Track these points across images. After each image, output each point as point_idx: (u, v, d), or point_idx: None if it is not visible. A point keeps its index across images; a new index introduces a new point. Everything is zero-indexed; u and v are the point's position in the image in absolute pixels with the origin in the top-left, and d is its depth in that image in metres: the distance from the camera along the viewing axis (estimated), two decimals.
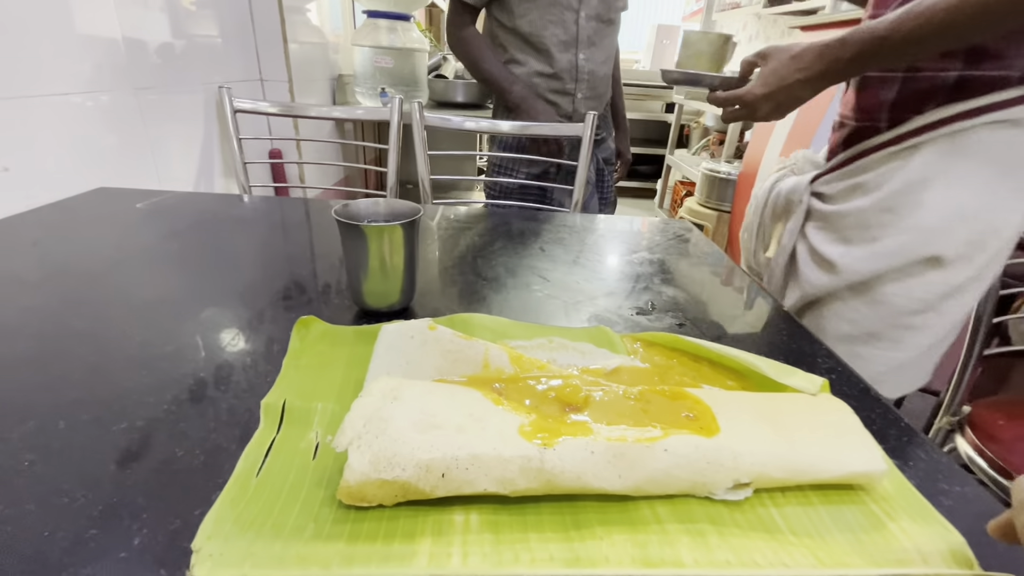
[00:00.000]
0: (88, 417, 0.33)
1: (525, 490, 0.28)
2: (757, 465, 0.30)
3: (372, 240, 0.44)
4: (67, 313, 0.46)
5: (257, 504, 0.27)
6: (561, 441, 0.29)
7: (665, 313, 0.52)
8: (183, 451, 0.31)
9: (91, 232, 0.66)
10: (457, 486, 0.27)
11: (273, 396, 0.35)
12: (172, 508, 0.27)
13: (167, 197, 0.81)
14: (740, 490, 0.30)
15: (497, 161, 1.20)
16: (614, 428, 0.32)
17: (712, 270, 0.65)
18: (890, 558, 0.26)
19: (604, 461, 0.29)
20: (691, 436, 0.31)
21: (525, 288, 0.56)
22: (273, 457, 0.31)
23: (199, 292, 0.51)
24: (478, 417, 0.31)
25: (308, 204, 0.85)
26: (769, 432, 0.32)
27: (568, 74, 1.11)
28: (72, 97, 0.82)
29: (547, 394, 0.35)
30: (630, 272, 0.62)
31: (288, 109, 1.18)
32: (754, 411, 0.34)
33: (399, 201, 0.48)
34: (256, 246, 0.66)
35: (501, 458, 0.28)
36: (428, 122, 1.10)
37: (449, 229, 0.75)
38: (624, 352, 0.43)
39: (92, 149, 0.86)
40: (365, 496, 0.27)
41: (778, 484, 0.30)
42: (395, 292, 0.47)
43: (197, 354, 0.41)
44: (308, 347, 0.42)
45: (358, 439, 0.28)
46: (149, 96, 0.98)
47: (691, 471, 0.29)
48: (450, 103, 1.81)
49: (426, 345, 0.37)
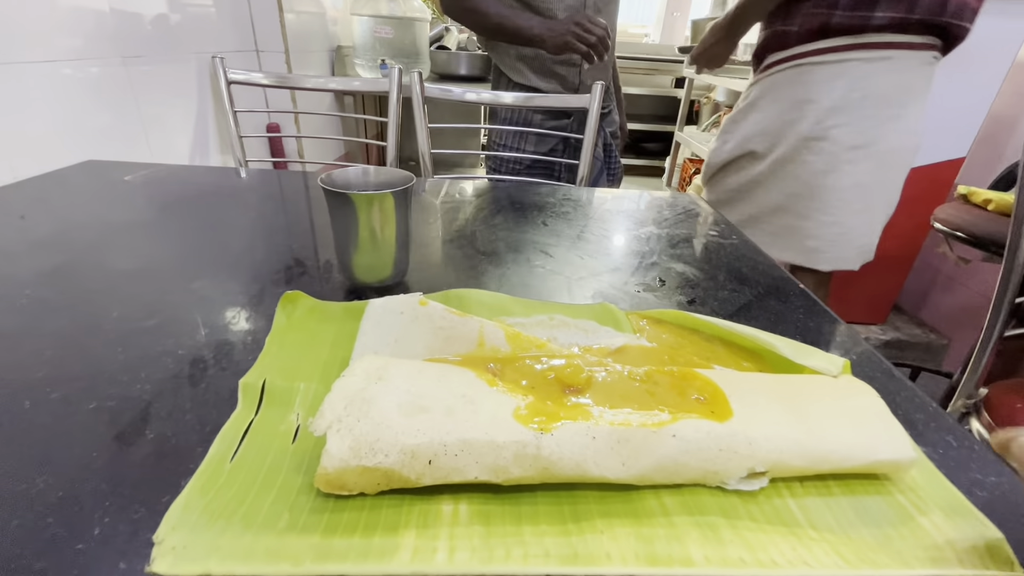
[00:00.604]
0: (56, 396, 0.31)
1: (519, 478, 0.26)
2: (774, 452, 0.27)
3: (361, 209, 0.41)
4: (44, 287, 0.44)
5: (229, 491, 0.25)
6: (560, 425, 0.27)
7: (674, 290, 0.49)
8: (154, 433, 0.29)
9: (77, 205, 0.64)
10: (445, 474, 0.25)
11: (253, 375, 0.33)
12: (138, 495, 0.25)
13: (157, 170, 0.78)
14: (755, 479, 0.27)
15: (501, 139, 1.14)
16: (618, 412, 0.29)
17: (723, 246, 0.61)
18: (922, 556, 0.24)
19: (606, 447, 0.26)
20: (702, 420, 0.28)
21: (526, 263, 0.53)
22: (249, 441, 0.28)
23: (185, 266, 0.49)
24: (470, 399, 0.28)
25: (306, 178, 0.82)
26: (787, 416, 0.29)
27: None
28: (57, 65, 0.79)
29: (546, 375, 0.32)
30: (637, 248, 0.59)
31: (284, 80, 1.14)
32: (770, 394, 0.31)
33: (391, 170, 0.45)
34: (248, 220, 0.63)
35: (494, 444, 0.26)
36: (429, 94, 1.06)
37: (449, 203, 0.72)
38: (630, 330, 0.40)
39: (79, 121, 0.83)
40: (345, 484, 0.25)
41: (796, 473, 0.28)
42: (387, 265, 0.44)
43: (178, 330, 0.38)
44: (294, 324, 0.39)
45: (338, 422, 0.26)
46: (139, 66, 0.94)
47: (702, 458, 0.27)
48: (452, 75, 1.75)
49: (416, 321, 0.34)
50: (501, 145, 1.13)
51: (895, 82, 0.75)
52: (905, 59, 0.73)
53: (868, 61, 0.74)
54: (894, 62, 0.73)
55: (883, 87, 0.75)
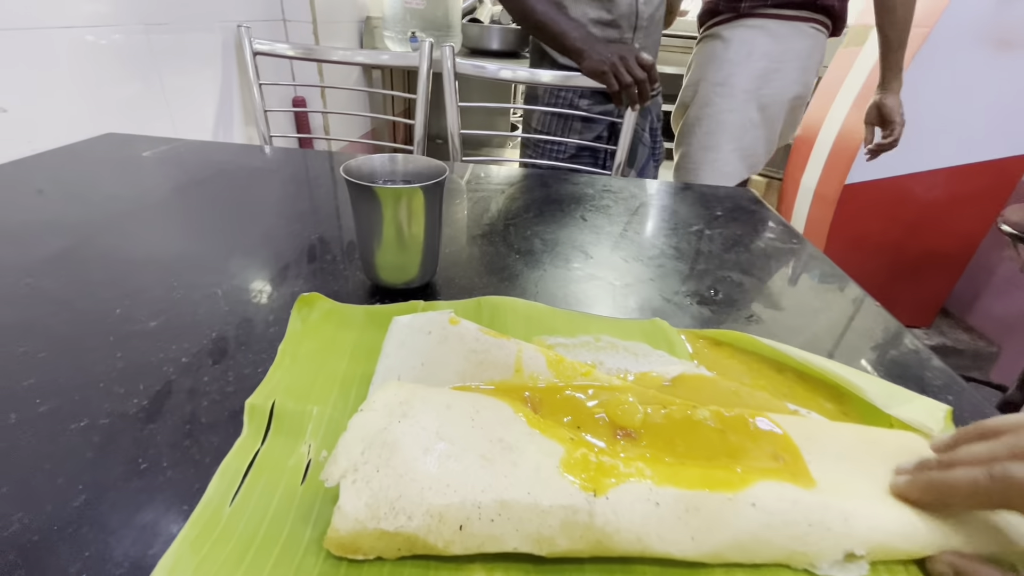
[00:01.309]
0: (45, 409, 0.28)
1: (567, 551, 0.21)
2: (877, 531, 0.22)
3: (387, 205, 0.37)
4: (46, 275, 0.41)
5: (226, 546, 0.22)
6: (614, 484, 0.22)
7: (731, 304, 0.44)
8: (148, 463, 0.25)
9: (91, 183, 0.61)
10: (479, 543, 0.21)
11: (261, 395, 0.29)
12: (121, 544, 0.22)
13: (176, 146, 0.75)
14: (852, 565, 0.22)
15: (543, 124, 1.04)
16: (682, 466, 0.24)
17: (781, 250, 0.55)
18: None
19: (673, 516, 0.22)
20: (785, 485, 0.23)
21: (564, 265, 0.49)
22: (253, 478, 0.25)
23: (196, 258, 0.46)
24: (508, 445, 0.24)
25: (332, 159, 0.78)
26: (883, 487, 0.24)
27: (627, 20, 0.96)
28: (76, 31, 0.75)
29: (593, 413, 0.28)
30: (687, 249, 0.54)
31: (309, 52, 1.09)
32: (864, 454, 0.26)
33: (420, 158, 0.40)
34: (267, 205, 0.59)
35: (538, 508, 0.21)
36: (460, 70, 1.00)
37: (479, 191, 0.67)
38: (686, 355, 0.35)
39: (99, 91, 0.80)
40: (359, 548, 0.21)
41: (902, 556, 0.23)
42: (413, 266, 0.40)
43: (183, 333, 0.35)
44: (310, 330, 0.35)
45: (354, 471, 0.22)
46: (161, 34, 0.91)
47: (787, 535, 0.22)
48: (484, 50, 1.68)
49: (446, 343, 0.30)
50: (540, 131, 1.05)
51: (775, 44, 1.02)
52: (782, 28, 1.01)
53: (753, 28, 1.02)
54: (772, 31, 1.01)
55: (765, 47, 1.01)
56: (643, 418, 0.27)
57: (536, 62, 1.06)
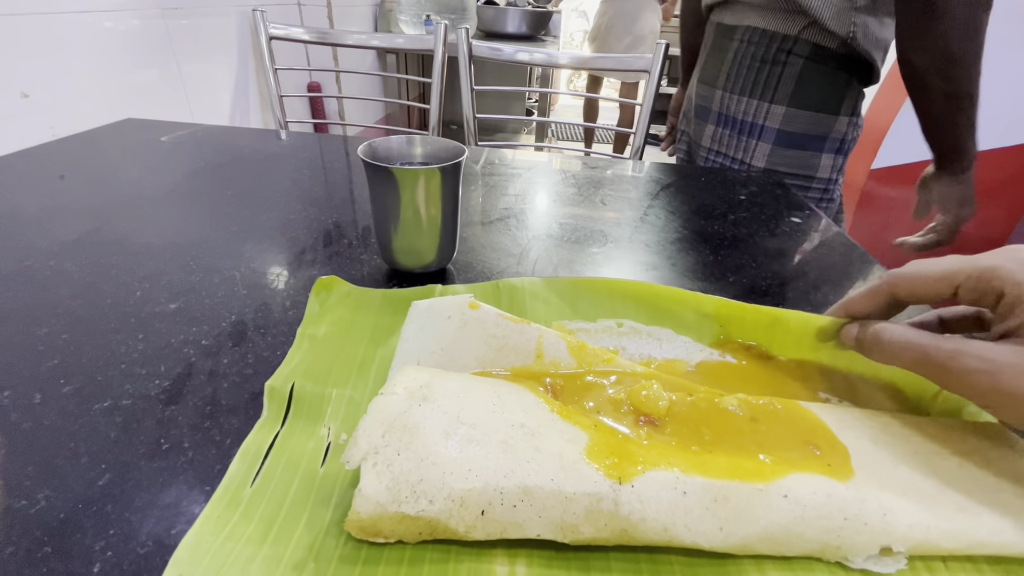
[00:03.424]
0: (69, 389, 0.28)
1: (591, 539, 0.21)
2: (918, 528, 0.21)
3: (405, 187, 0.36)
4: (67, 259, 0.41)
5: (247, 527, 0.21)
6: (640, 472, 0.22)
7: (756, 290, 0.43)
8: (169, 443, 0.25)
9: (111, 168, 0.61)
10: (501, 529, 0.21)
11: (280, 378, 0.29)
12: (146, 523, 0.22)
13: (194, 131, 0.75)
14: (889, 559, 0.21)
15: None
16: (709, 455, 0.24)
17: (813, 235, 0.54)
18: None
19: (700, 506, 0.21)
20: (819, 478, 0.22)
21: (582, 250, 0.48)
22: (273, 459, 0.25)
23: (214, 241, 0.46)
24: (531, 430, 0.23)
25: (347, 143, 0.77)
26: (931, 480, 0.23)
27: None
28: (94, 16, 0.75)
29: (616, 399, 0.27)
30: (710, 233, 0.52)
31: (324, 36, 1.08)
32: (904, 445, 0.25)
33: (438, 140, 0.40)
34: (284, 189, 0.59)
35: (561, 495, 0.21)
36: (476, 52, 0.99)
37: (495, 175, 0.66)
38: (713, 338, 0.34)
39: (118, 77, 0.81)
40: (380, 531, 0.21)
41: (943, 553, 0.22)
42: (431, 250, 0.39)
43: (202, 316, 0.35)
44: (327, 313, 0.35)
45: (374, 454, 0.21)
46: (177, 19, 0.90)
47: (821, 528, 0.21)
48: (500, 33, 1.65)
49: (466, 328, 0.29)
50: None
51: None
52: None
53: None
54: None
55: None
56: (668, 405, 0.26)
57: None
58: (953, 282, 0.24)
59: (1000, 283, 0.23)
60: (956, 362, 0.22)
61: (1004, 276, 0.23)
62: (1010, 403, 0.21)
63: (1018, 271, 0.22)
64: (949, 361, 0.23)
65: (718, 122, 0.77)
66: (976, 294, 0.24)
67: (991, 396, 0.22)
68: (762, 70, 0.70)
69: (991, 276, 0.23)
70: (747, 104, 0.72)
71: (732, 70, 0.73)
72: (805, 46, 0.66)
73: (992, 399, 0.22)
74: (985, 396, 0.22)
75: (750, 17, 0.70)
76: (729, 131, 0.76)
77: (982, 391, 0.22)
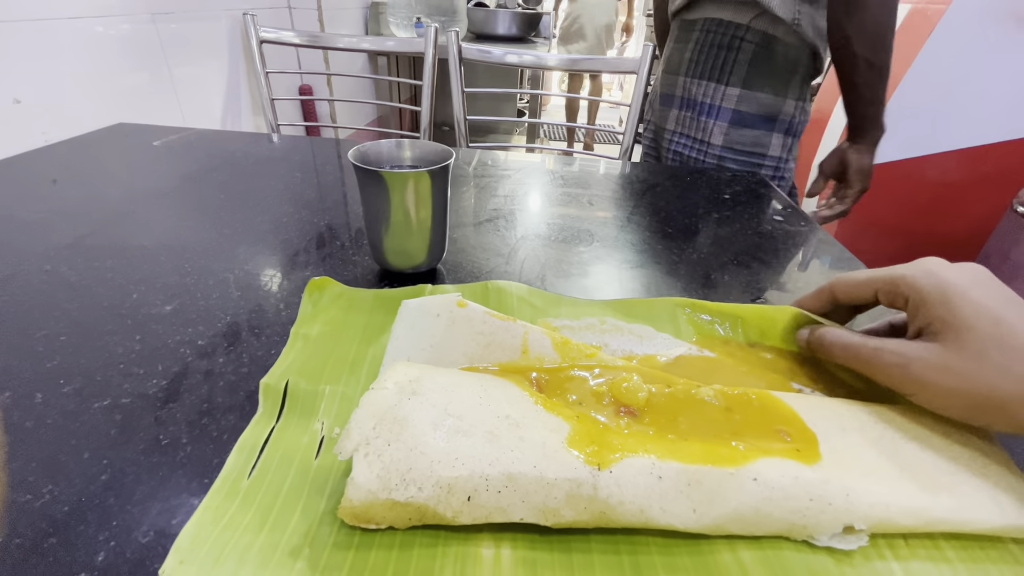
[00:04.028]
0: (69, 389, 0.29)
1: (572, 522, 0.22)
2: (878, 507, 0.23)
3: (395, 189, 0.37)
4: (62, 263, 0.42)
5: (245, 516, 0.23)
6: (619, 459, 0.23)
7: (739, 286, 0.44)
8: (168, 439, 0.26)
9: (104, 172, 0.62)
10: (487, 513, 0.22)
11: (275, 375, 0.30)
12: (147, 515, 0.23)
13: (187, 135, 0.75)
14: (852, 536, 0.23)
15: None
16: (685, 443, 0.25)
17: (795, 233, 0.55)
18: None
19: (675, 490, 0.23)
20: (787, 461, 0.24)
21: (571, 249, 0.49)
22: (269, 453, 0.26)
23: (208, 244, 0.46)
24: (515, 421, 0.24)
25: (339, 146, 0.78)
26: (892, 462, 0.25)
27: None
28: (85, 22, 0.76)
29: (598, 391, 0.28)
30: (695, 232, 0.54)
31: (315, 39, 1.09)
32: (869, 429, 0.26)
33: (427, 143, 0.41)
34: (277, 192, 0.60)
35: (543, 480, 0.22)
36: (466, 55, 1.00)
37: (486, 176, 0.67)
38: (692, 335, 0.35)
39: (110, 82, 0.81)
40: (372, 518, 0.22)
41: (903, 531, 0.23)
42: (421, 251, 0.40)
43: (198, 317, 0.36)
44: (320, 313, 0.36)
45: (366, 444, 0.22)
46: (168, 23, 0.91)
47: (788, 509, 0.23)
48: (491, 35, 1.67)
49: (454, 326, 0.30)
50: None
51: None
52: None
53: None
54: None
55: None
56: (647, 396, 0.28)
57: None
58: (872, 287, 0.29)
59: (907, 288, 0.26)
60: (877, 358, 0.27)
61: (910, 282, 0.26)
62: (921, 390, 0.25)
63: (921, 278, 0.26)
64: (872, 357, 0.27)
65: (680, 106, 0.83)
66: (890, 297, 0.28)
67: (906, 385, 0.26)
68: (719, 55, 0.77)
69: (900, 282, 0.27)
70: (705, 87, 0.79)
71: (693, 57, 0.80)
72: (756, 34, 0.74)
73: (907, 387, 0.26)
74: (902, 385, 0.26)
75: (708, 10, 0.77)
76: (690, 113, 0.82)
77: (898, 381, 0.26)
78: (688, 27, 0.81)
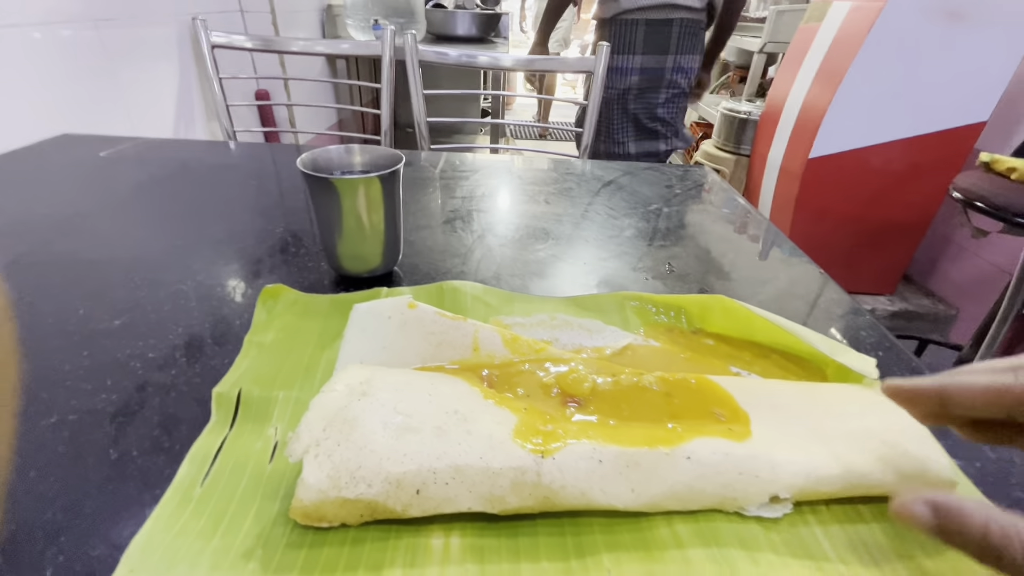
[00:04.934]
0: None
1: (518, 508, 0.23)
2: (799, 476, 0.25)
3: (345, 196, 0.38)
4: (4, 281, 0.40)
5: (197, 523, 0.23)
6: (561, 447, 0.24)
7: (685, 277, 0.46)
8: (118, 453, 0.26)
9: (46, 186, 0.60)
10: (435, 505, 0.23)
11: (227, 384, 0.30)
12: (97, 528, 0.23)
13: (136, 144, 0.74)
14: (777, 505, 0.25)
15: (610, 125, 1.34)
16: (626, 427, 0.26)
17: (738, 223, 0.58)
18: None
19: (614, 472, 0.24)
20: (719, 440, 0.25)
21: (527, 247, 0.50)
22: (222, 461, 0.26)
23: (159, 255, 0.46)
24: (463, 416, 0.25)
25: (299, 151, 0.77)
26: (813, 435, 0.26)
27: None
28: (22, 30, 0.73)
29: (545, 383, 0.30)
30: (645, 228, 0.56)
31: (269, 44, 1.07)
32: (793, 407, 0.28)
33: (378, 148, 0.41)
34: (232, 201, 0.59)
35: (489, 470, 0.23)
36: (423, 57, 1.00)
37: (447, 178, 0.68)
38: (639, 326, 0.37)
39: (52, 91, 0.78)
40: (324, 516, 0.22)
41: (824, 497, 0.25)
42: (375, 255, 0.41)
43: (148, 330, 0.36)
44: (275, 320, 0.36)
45: (316, 446, 0.23)
46: (112, 29, 0.88)
47: (719, 484, 0.24)
48: (450, 36, 1.67)
49: (406, 327, 0.31)
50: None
51: None
52: None
53: None
54: None
55: None
56: (591, 387, 0.29)
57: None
58: (1001, 405, 0.19)
59: None
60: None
61: None
62: None
63: None
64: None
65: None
66: None
67: None
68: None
69: None
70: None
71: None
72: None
73: None
74: None
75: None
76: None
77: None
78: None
